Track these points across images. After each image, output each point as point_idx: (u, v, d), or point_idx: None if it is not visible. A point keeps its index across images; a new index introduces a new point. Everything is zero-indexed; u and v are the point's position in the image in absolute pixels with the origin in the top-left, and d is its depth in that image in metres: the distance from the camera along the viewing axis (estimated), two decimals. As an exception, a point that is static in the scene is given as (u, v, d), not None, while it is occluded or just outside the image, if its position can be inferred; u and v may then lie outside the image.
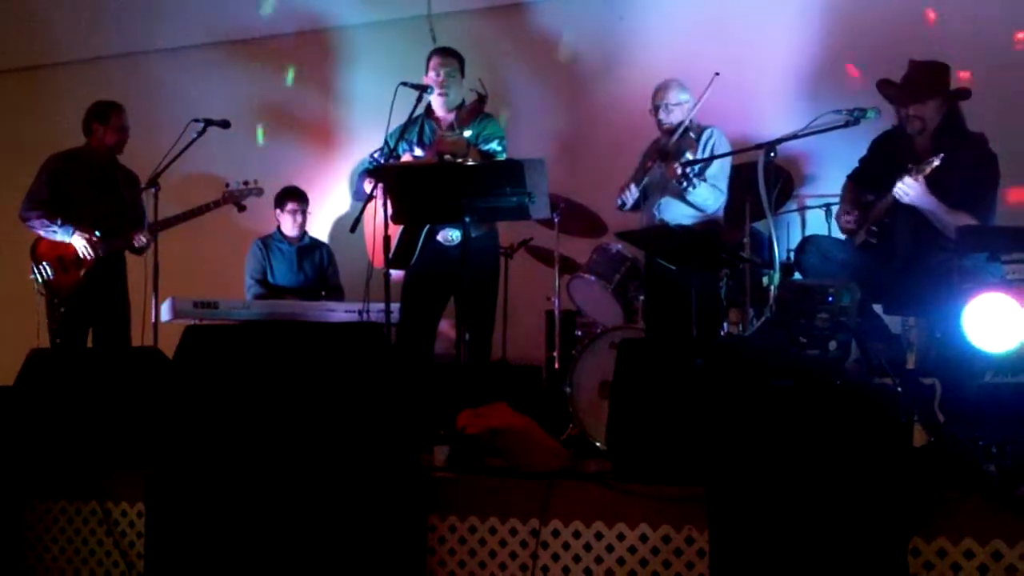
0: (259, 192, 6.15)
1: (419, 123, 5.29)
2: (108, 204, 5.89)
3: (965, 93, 4.60)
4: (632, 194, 5.39)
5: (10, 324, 6.26)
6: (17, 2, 7.79)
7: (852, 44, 6.13)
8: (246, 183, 6.06)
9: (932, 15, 5.97)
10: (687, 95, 5.35)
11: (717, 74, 5.14)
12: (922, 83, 4.59)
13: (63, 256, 5.79)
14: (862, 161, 4.90)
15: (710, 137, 5.26)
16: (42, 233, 5.82)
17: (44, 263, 5.80)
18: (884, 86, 4.69)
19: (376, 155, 5.24)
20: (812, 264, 4.61)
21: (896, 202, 4.44)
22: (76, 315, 5.80)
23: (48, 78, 8.02)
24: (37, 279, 5.81)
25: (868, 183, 4.78)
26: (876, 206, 4.62)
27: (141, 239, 5.81)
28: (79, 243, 5.75)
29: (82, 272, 5.78)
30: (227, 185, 6.05)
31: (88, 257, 5.76)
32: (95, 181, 5.94)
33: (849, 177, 4.93)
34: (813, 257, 4.63)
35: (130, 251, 5.95)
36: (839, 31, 6.21)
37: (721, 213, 5.36)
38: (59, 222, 5.77)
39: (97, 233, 5.76)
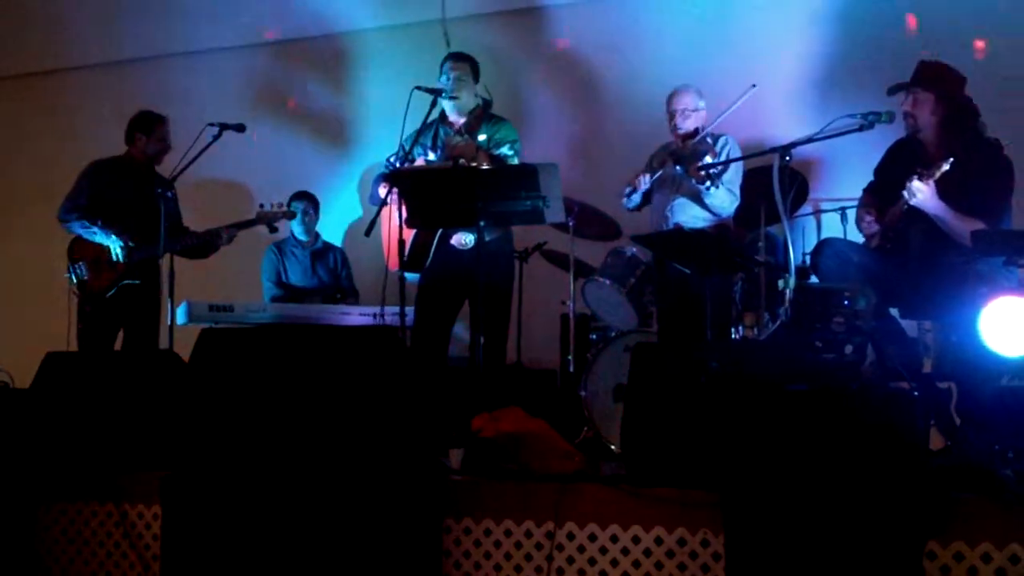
0: (291, 216, 6.34)
1: (434, 128, 5.30)
2: (145, 212, 5.86)
3: (959, 80, 4.53)
4: (645, 183, 5.38)
5: (43, 325, 6.27)
6: (36, 6, 7.84)
7: (866, 48, 6.12)
8: (280, 205, 6.18)
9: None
10: (703, 103, 5.38)
11: (754, 86, 5.12)
12: (916, 77, 4.58)
13: (99, 258, 5.80)
14: (876, 171, 4.89)
15: (725, 144, 5.29)
16: (81, 234, 5.84)
17: (80, 263, 5.82)
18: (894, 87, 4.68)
19: (392, 159, 5.25)
20: (829, 267, 4.59)
21: (909, 206, 4.43)
22: (105, 317, 5.83)
23: (67, 81, 8.06)
24: (72, 279, 5.84)
25: (883, 191, 4.76)
26: (890, 210, 4.61)
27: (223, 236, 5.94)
28: (116, 246, 5.77)
29: (115, 275, 5.79)
30: (261, 205, 6.15)
31: (122, 261, 5.78)
32: (133, 189, 5.94)
33: (865, 190, 4.92)
34: (830, 260, 4.60)
35: (190, 255, 5.95)
36: (853, 35, 6.21)
37: (731, 216, 5.38)
38: (99, 223, 5.80)
39: (137, 242, 5.79)
